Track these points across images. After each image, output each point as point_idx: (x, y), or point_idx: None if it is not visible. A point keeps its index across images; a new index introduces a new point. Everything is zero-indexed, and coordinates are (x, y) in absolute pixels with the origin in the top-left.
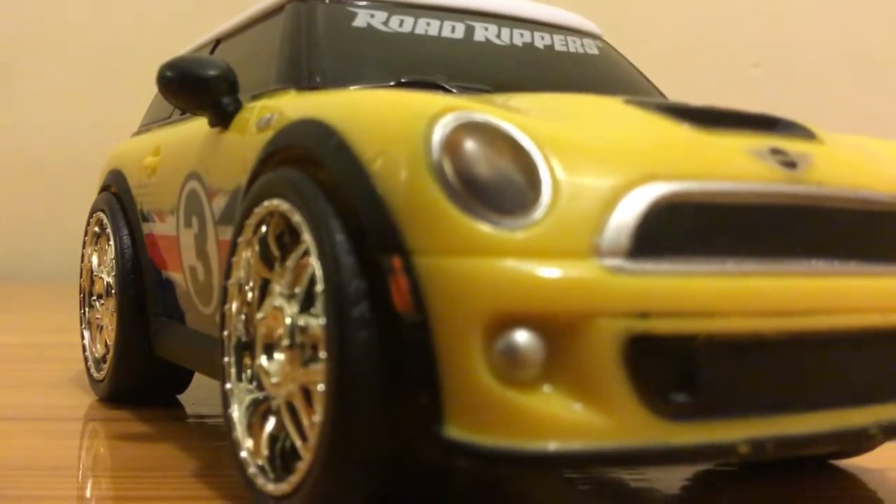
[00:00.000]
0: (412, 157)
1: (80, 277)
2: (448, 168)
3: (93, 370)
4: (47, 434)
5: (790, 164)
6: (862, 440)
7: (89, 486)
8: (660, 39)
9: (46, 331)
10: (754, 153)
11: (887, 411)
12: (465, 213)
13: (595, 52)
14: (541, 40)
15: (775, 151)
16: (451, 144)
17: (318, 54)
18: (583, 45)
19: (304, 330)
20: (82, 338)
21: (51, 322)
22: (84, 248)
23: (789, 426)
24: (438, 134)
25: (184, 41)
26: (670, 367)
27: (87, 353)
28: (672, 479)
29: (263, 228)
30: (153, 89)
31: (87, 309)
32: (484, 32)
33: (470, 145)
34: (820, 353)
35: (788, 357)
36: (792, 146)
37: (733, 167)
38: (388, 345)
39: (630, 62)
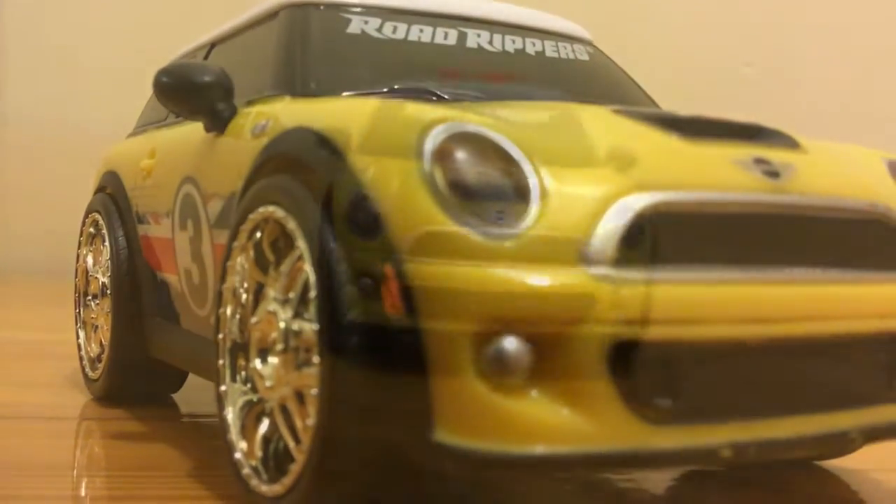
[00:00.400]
0: (404, 167)
1: (76, 277)
2: (439, 177)
3: (88, 369)
4: (42, 433)
5: (774, 174)
6: (843, 444)
7: (84, 485)
8: (652, 38)
9: (44, 328)
10: (739, 163)
11: (867, 416)
12: (456, 221)
13: (585, 57)
14: (532, 46)
15: (759, 161)
16: (443, 154)
17: (312, 61)
18: (573, 51)
19: (297, 334)
20: (77, 337)
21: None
22: (79, 248)
23: (771, 430)
24: (430, 144)
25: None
26: (655, 372)
27: (82, 353)
28: (658, 479)
29: (258, 234)
30: None
31: (81, 309)
32: (476, 39)
33: (461, 155)
34: (801, 359)
35: (770, 363)
36: (776, 156)
37: (718, 177)
38: (379, 350)
39: (620, 67)
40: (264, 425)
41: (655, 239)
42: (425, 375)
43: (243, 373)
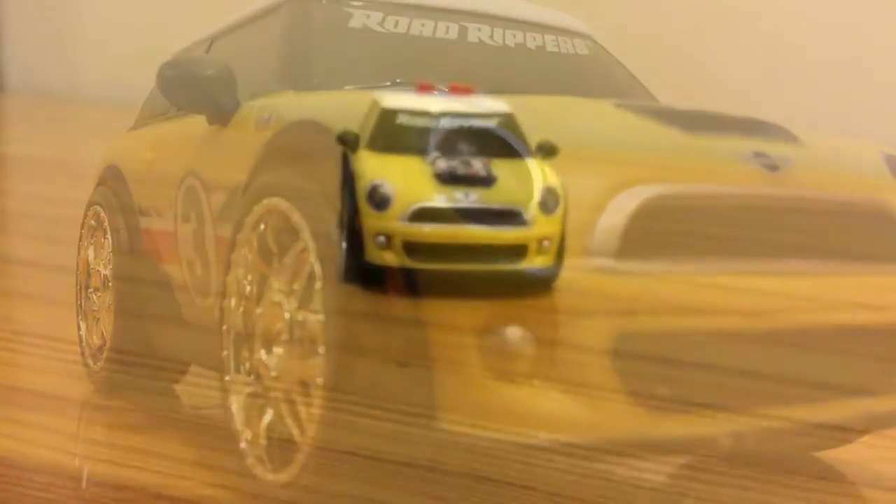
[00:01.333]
0: (407, 159)
1: (77, 270)
2: (443, 170)
3: (89, 361)
4: (43, 425)
5: (773, 167)
6: (841, 434)
7: (84, 475)
8: (647, 35)
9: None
10: (738, 156)
11: (864, 405)
12: (459, 214)
13: (586, 52)
14: (532, 41)
15: (758, 155)
16: (446, 147)
17: (315, 55)
18: (574, 46)
19: (302, 325)
20: (79, 329)
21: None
22: (80, 241)
23: (770, 420)
24: (434, 137)
25: None
26: (656, 362)
27: (84, 344)
28: (657, 468)
29: (262, 226)
30: None
31: (83, 301)
32: (477, 33)
33: (464, 148)
34: (800, 350)
35: (769, 353)
36: (774, 149)
37: (718, 170)
38: (384, 340)
39: (620, 62)
40: (269, 415)
41: (656, 231)
42: (430, 365)
43: (247, 364)
